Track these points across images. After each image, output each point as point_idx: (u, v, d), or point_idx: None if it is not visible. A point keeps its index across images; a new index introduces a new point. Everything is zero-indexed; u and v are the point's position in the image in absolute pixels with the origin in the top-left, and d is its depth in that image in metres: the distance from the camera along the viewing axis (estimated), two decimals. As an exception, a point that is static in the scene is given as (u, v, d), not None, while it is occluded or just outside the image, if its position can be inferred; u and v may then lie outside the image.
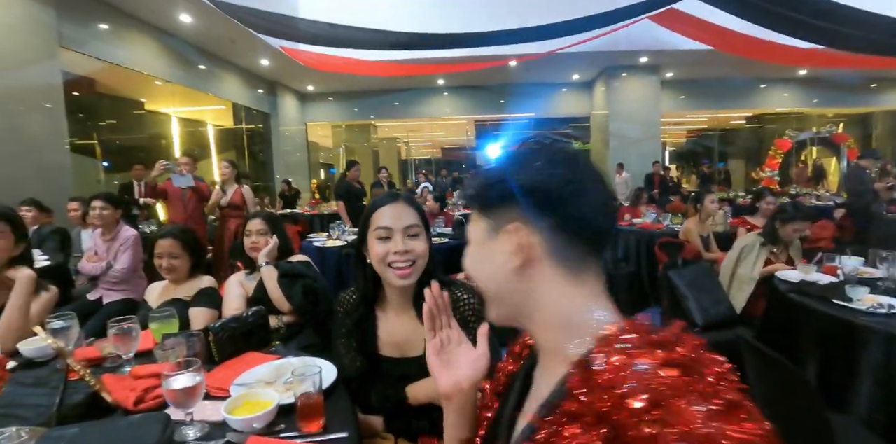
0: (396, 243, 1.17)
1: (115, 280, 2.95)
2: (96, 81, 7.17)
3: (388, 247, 1.17)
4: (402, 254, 1.16)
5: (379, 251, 1.18)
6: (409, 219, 1.20)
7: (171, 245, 1.85)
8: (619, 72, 10.16)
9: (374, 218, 1.21)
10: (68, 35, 5.48)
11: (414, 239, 1.19)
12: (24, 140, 4.73)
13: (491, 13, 7.75)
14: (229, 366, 1.32)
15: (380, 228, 1.18)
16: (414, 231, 1.20)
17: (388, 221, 1.18)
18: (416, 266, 1.18)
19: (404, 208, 1.21)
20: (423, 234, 1.22)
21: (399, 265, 1.16)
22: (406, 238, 1.18)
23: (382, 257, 1.17)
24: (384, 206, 1.21)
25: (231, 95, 9.31)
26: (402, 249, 1.16)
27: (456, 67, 9.07)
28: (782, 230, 2.65)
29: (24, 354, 1.39)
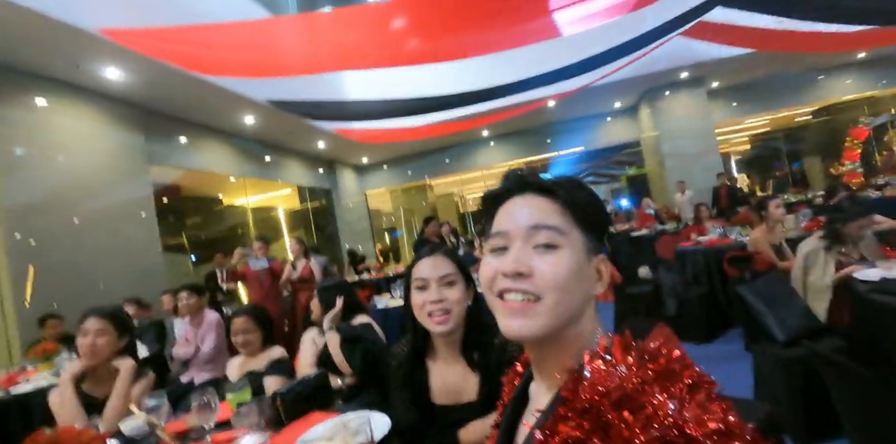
0: (431, 292, 1.24)
1: (204, 361, 3.23)
2: (181, 186, 8.15)
3: (424, 297, 1.25)
4: (436, 303, 1.23)
5: (417, 301, 1.26)
6: (444, 269, 1.28)
7: (244, 322, 2.06)
8: (662, 91, 10.02)
9: (414, 271, 1.30)
10: (155, 152, 6.38)
11: (449, 287, 1.26)
12: (124, 246, 5.45)
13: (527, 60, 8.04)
14: (296, 426, 1.41)
15: (417, 279, 1.28)
16: (449, 280, 1.27)
17: (424, 272, 1.27)
18: (452, 314, 1.24)
19: (441, 260, 1.30)
20: (459, 282, 1.28)
21: (435, 313, 1.23)
22: (441, 287, 1.25)
23: (421, 306, 1.25)
24: (423, 259, 1.31)
25: (295, 178, 10.15)
26: (436, 298, 1.23)
27: (496, 117, 9.38)
28: (847, 231, 2.43)
29: (125, 432, 1.57)
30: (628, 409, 0.46)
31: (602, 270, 0.64)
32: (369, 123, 8.01)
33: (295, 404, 1.49)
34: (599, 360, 0.53)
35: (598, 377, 0.50)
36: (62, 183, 5.01)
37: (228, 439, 1.33)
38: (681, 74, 9.39)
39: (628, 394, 0.47)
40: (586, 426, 0.47)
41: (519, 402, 0.70)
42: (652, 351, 0.53)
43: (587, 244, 0.63)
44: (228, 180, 8.45)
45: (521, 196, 0.67)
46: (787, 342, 2.18)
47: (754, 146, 14.24)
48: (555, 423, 0.51)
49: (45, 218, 4.74)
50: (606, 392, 0.48)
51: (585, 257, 0.62)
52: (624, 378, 0.49)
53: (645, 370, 0.50)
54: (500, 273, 0.62)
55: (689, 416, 0.44)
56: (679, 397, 0.46)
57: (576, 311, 0.60)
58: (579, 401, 0.50)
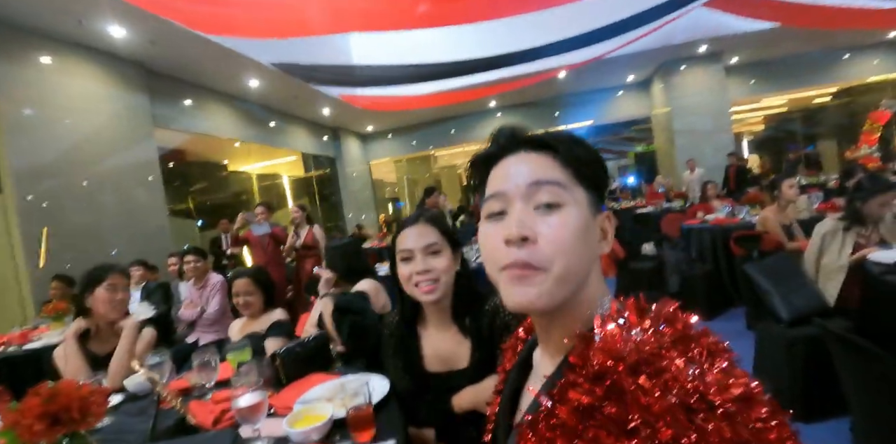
0: (417, 263, 1.21)
1: (209, 322, 3.29)
2: (186, 150, 8.11)
3: (410, 268, 1.22)
4: (423, 273, 1.20)
5: (404, 272, 1.23)
6: (428, 238, 1.24)
7: (245, 284, 2.06)
8: (678, 65, 9.72)
9: (399, 241, 1.27)
10: (160, 114, 6.32)
11: (435, 256, 1.23)
12: (131, 210, 5.48)
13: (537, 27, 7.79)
14: (295, 387, 1.42)
15: (402, 250, 1.25)
16: (434, 249, 1.23)
17: (408, 242, 1.24)
18: (440, 283, 1.21)
19: (424, 228, 1.26)
20: (445, 250, 1.25)
21: (422, 284, 1.21)
22: (426, 257, 1.22)
23: (407, 277, 1.22)
24: (406, 228, 1.27)
25: (299, 145, 10.08)
26: (422, 268, 1.20)
27: (505, 87, 9.16)
28: (867, 209, 2.34)
29: (129, 388, 1.60)
30: (646, 374, 0.43)
31: (607, 227, 0.60)
32: (375, 89, 7.87)
33: (294, 364, 1.50)
34: (612, 323, 0.50)
35: (612, 342, 0.47)
36: (70, 145, 5.00)
37: (227, 397, 1.34)
38: (699, 48, 9.08)
39: (645, 358, 0.44)
40: (599, 393, 0.44)
41: (522, 368, 0.68)
42: (668, 315, 0.50)
43: (591, 201, 0.58)
44: (233, 146, 8.40)
45: (515, 155, 0.61)
46: (792, 322, 2.17)
47: (768, 127, 13.94)
48: (564, 389, 0.48)
49: (55, 180, 4.76)
50: (621, 357, 0.45)
51: (590, 214, 0.57)
52: (640, 342, 0.46)
53: (661, 334, 0.47)
54: (503, 241, 0.55)
55: (711, 381, 0.41)
56: (699, 362, 0.44)
57: (584, 274, 0.56)
58: (591, 366, 0.47)
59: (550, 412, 0.48)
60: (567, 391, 0.47)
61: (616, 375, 0.44)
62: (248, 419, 1.08)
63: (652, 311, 0.51)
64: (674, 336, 0.47)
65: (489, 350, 1.24)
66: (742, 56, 9.88)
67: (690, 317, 0.50)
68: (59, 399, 0.98)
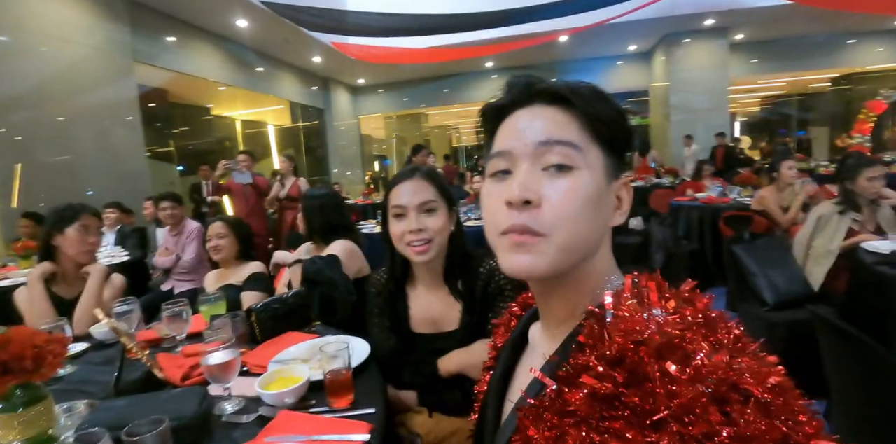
0: (410, 221, 1.15)
1: (185, 270, 3.20)
2: (168, 91, 7.72)
3: (403, 225, 1.15)
4: (416, 232, 1.14)
5: (395, 230, 1.17)
6: (424, 195, 1.17)
7: (220, 226, 2.00)
8: (682, 38, 9.43)
9: (391, 196, 1.19)
10: (142, 50, 5.93)
11: (430, 215, 1.17)
12: (109, 151, 5.22)
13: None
14: (270, 345, 1.37)
15: (395, 206, 1.17)
16: (430, 207, 1.17)
17: (402, 198, 1.16)
18: (433, 243, 1.16)
19: (420, 184, 1.18)
20: (441, 209, 1.19)
21: (415, 243, 1.14)
22: (421, 215, 1.16)
23: (400, 235, 1.16)
24: (400, 183, 1.19)
25: (287, 93, 9.68)
26: (415, 227, 1.14)
27: (505, 47, 8.85)
28: (856, 187, 2.30)
29: (95, 336, 1.53)
30: (673, 360, 0.38)
31: (623, 196, 0.54)
32: (368, 40, 7.52)
33: (271, 322, 1.44)
34: (631, 301, 0.45)
35: (631, 321, 0.42)
36: (46, 76, 4.67)
37: (198, 352, 1.28)
38: (705, 21, 8.79)
39: (671, 342, 0.39)
40: (619, 379, 0.40)
41: (516, 345, 0.64)
42: (687, 295, 0.46)
43: (608, 166, 0.52)
44: (218, 89, 8.01)
45: (529, 108, 0.54)
46: (776, 306, 2.18)
47: (763, 108, 13.85)
48: (575, 373, 0.43)
49: (29, 113, 4.47)
50: (644, 340, 0.40)
51: (605, 181, 0.51)
52: (663, 324, 0.41)
53: (684, 316, 0.42)
54: (504, 203, 0.49)
55: (743, 369, 0.37)
56: (728, 347, 0.40)
57: (591, 245, 0.51)
58: (607, 347, 0.42)
59: (558, 396, 0.44)
60: (578, 374, 0.43)
61: (638, 359, 0.39)
62: (219, 377, 1.03)
63: (671, 290, 0.47)
64: (697, 319, 0.42)
65: (481, 314, 1.21)
66: (747, 33, 9.64)
67: (704, 298, 0.46)
68: (11, 347, 0.90)
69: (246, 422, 0.97)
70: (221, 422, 0.98)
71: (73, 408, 1.03)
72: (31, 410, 0.90)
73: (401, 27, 6.88)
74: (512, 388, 0.61)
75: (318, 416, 0.96)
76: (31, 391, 0.96)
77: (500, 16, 6.79)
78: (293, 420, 0.94)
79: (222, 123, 9.17)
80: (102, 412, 0.93)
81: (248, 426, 0.96)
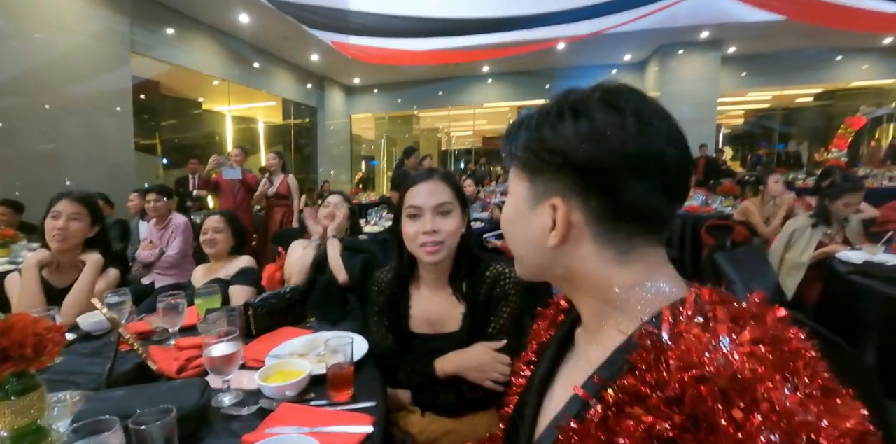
0: (425, 222, 1.15)
1: (168, 265, 3.14)
2: (161, 83, 7.63)
3: (418, 226, 1.16)
4: (430, 234, 1.14)
5: (409, 231, 1.17)
6: (441, 197, 1.17)
7: (218, 220, 1.98)
8: (676, 49, 9.57)
9: (408, 196, 1.19)
10: (139, 41, 5.88)
11: (444, 217, 1.17)
12: (96, 141, 5.15)
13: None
14: (266, 339, 1.36)
15: (410, 206, 1.17)
16: (445, 209, 1.17)
17: (418, 199, 1.17)
18: (445, 244, 1.16)
19: (438, 185, 1.19)
20: (456, 211, 1.19)
21: (427, 244, 1.15)
22: (436, 217, 1.16)
23: (413, 236, 1.16)
24: (418, 183, 1.19)
25: (282, 91, 9.63)
26: (430, 228, 1.14)
27: (503, 52, 8.91)
28: (833, 207, 2.43)
29: (83, 327, 1.50)
30: (740, 404, 0.34)
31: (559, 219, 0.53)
32: (367, 40, 7.52)
33: (267, 316, 1.43)
34: (696, 321, 0.41)
35: (694, 352, 0.38)
36: (37, 63, 4.59)
37: (194, 345, 1.27)
38: (701, 34, 8.94)
39: (743, 384, 0.35)
40: (677, 420, 0.36)
41: (562, 344, 0.62)
42: (756, 311, 0.41)
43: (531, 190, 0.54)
44: (211, 84, 7.94)
45: None
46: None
47: (747, 121, 14.08)
48: (625, 399, 0.41)
49: (16, 100, 4.40)
50: (708, 376, 0.36)
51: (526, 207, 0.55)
52: (730, 357, 0.37)
53: (757, 346, 0.37)
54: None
55: (820, 414, 0.33)
56: (803, 387, 0.35)
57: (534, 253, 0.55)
58: (664, 380, 0.38)
59: (603, 421, 0.42)
60: (631, 404, 0.40)
61: (700, 401, 0.36)
62: (220, 370, 1.02)
63: (740, 306, 0.42)
64: (774, 352, 0.37)
65: (483, 317, 1.21)
66: (739, 47, 9.81)
67: (779, 311, 0.41)
68: (12, 334, 0.89)
69: (246, 414, 0.97)
70: (221, 414, 0.97)
71: (62, 398, 1.01)
72: (23, 399, 0.88)
73: (401, 29, 6.90)
74: (552, 389, 0.59)
75: (320, 408, 0.96)
76: (25, 380, 0.94)
77: (501, 22, 6.85)
78: (295, 412, 0.94)
79: (212, 117, 9.07)
80: (100, 402, 0.91)
81: (247, 418, 0.95)
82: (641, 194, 0.46)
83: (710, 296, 0.44)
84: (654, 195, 0.47)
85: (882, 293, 1.82)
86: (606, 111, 0.47)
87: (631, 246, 0.49)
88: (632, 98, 0.49)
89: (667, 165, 0.47)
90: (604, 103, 0.48)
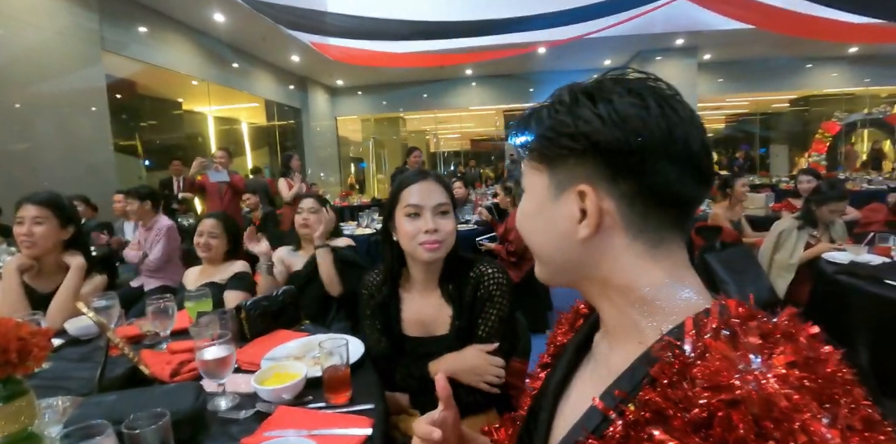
0: (427, 221, 1.15)
1: (152, 268, 3.08)
2: (137, 83, 7.45)
3: (418, 225, 1.15)
4: (431, 233, 1.14)
5: (409, 229, 1.16)
6: (438, 197, 1.18)
7: (214, 225, 1.95)
8: (654, 55, 9.79)
9: (404, 195, 1.19)
10: (110, 39, 5.71)
11: (443, 217, 1.18)
12: (72, 141, 5.00)
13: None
14: (260, 342, 1.35)
15: (409, 205, 1.17)
16: (443, 209, 1.19)
17: (417, 198, 1.17)
18: (445, 243, 1.17)
19: (433, 186, 1.20)
20: (450, 212, 1.21)
21: (428, 243, 1.15)
22: (436, 216, 1.17)
23: (413, 234, 1.15)
24: (414, 183, 1.19)
25: (263, 91, 9.51)
26: (432, 227, 1.14)
27: (484, 56, 8.97)
28: (819, 212, 2.53)
29: (70, 332, 1.46)
30: (778, 435, 0.31)
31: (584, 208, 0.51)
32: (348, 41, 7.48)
33: (260, 319, 1.42)
34: (724, 336, 0.38)
35: (722, 370, 0.35)
36: (3, 60, 4.43)
37: (186, 349, 1.25)
38: (676, 41, 9.17)
39: (779, 412, 0.32)
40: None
41: (579, 349, 0.60)
42: (787, 332, 0.38)
43: (552, 182, 0.52)
44: (190, 84, 7.79)
45: None
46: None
47: (728, 126, 14.46)
48: (646, 416, 0.39)
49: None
50: (741, 401, 0.33)
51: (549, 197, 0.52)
52: (763, 379, 0.33)
53: (793, 369, 0.34)
54: None
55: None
56: (843, 419, 0.32)
57: (560, 251, 0.51)
58: (689, 400, 0.35)
59: (624, 439, 0.40)
60: (653, 423, 0.38)
61: (732, 429, 0.32)
62: (214, 373, 1.01)
63: (773, 328, 0.38)
64: (810, 376, 0.34)
65: (469, 319, 1.21)
66: (714, 54, 10.10)
67: (810, 329, 0.39)
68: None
69: (243, 418, 0.96)
70: (217, 418, 0.96)
71: (53, 404, 0.99)
72: (12, 405, 0.86)
73: (381, 31, 6.89)
74: (568, 393, 0.57)
75: (318, 411, 0.96)
76: (12, 386, 0.92)
77: (481, 25, 6.89)
78: (292, 415, 0.93)
79: (193, 118, 8.90)
80: (92, 406, 0.89)
81: (245, 421, 0.95)
82: (672, 175, 0.45)
83: (736, 309, 0.41)
84: (684, 177, 0.45)
85: (869, 292, 1.88)
86: (624, 93, 0.46)
87: (660, 239, 0.48)
88: (645, 81, 0.49)
89: (692, 145, 0.46)
90: (620, 86, 0.47)
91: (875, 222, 3.78)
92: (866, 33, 7.51)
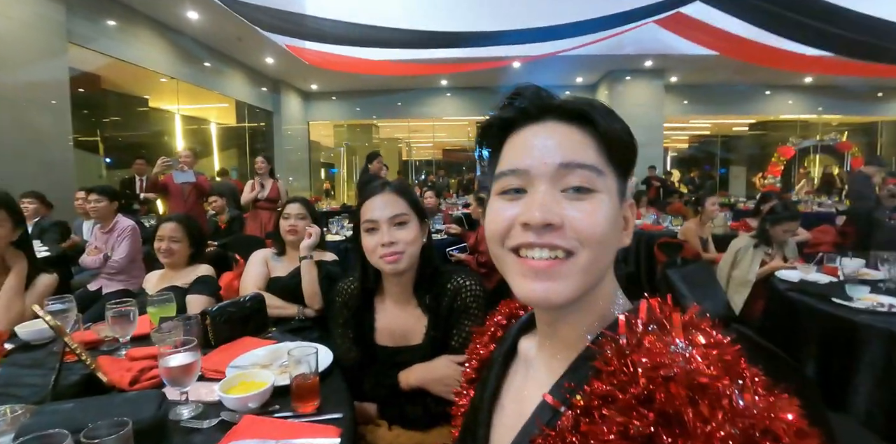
0: (382, 234, 1.16)
1: (114, 271, 2.95)
2: (102, 77, 7.20)
3: (376, 239, 1.16)
4: (388, 246, 1.15)
5: (368, 244, 1.17)
6: (395, 208, 1.18)
7: (174, 229, 1.87)
8: (623, 75, 10.17)
9: (363, 211, 1.20)
10: (76, 31, 5.52)
11: (401, 228, 1.18)
12: (29, 136, 4.78)
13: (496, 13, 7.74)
14: (225, 350, 1.32)
15: (367, 221, 1.18)
16: (401, 220, 1.18)
17: (373, 213, 1.17)
18: (405, 254, 1.17)
19: (391, 198, 1.20)
20: (412, 221, 1.20)
21: (387, 256, 1.15)
22: (392, 228, 1.17)
23: (372, 248, 1.16)
24: (371, 197, 1.20)
25: (235, 92, 9.34)
26: (387, 240, 1.15)
27: (459, 67, 9.10)
28: (773, 231, 2.67)
29: (22, 336, 1.39)
30: (705, 401, 0.37)
31: (629, 217, 0.54)
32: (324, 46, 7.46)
33: (226, 326, 1.39)
34: (651, 328, 0.44)
35: (656, 354, 0.41)
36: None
37: (147, 355, 1.21)
38: (645, 63, 9.55)
39: (705, 383, 0.37)
40: (651, 418, 0.38)
41: (507, 359, 0.61)
42: (696, 323, 0.44)
43: (620, 188, 0.51)
44: (159, 81, 7.57)
45: (542, 124, 0.52)
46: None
47: (691, 145, 15.07)
48: (596, 403, 0.42)
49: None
50: (675, 377, 0.38)
51: (619, 203, 0.51)
52: (690, 359, 0.40)
53: (710, 350, 0.41)
54: (518, 223, 0.48)
55: (767, 409, 0.36)
56: (750, 385, 0.38)
57: (606, 267, 0.50)
58: (631, 380, 0.40)
59: (575, 427, 0.42)
60: (599, 406, 0.41)
61: (669, 398, 0.38)
62: (178, 381, 0.98)
63: (688, 321, 0.45)
64: (721, 355, 0.40)
65: (444, 330, 1.22)
66: (680, 77, 10.58)
67: (714, 323, 0.45)
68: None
69: (207, 427, 0.93)
70: (179, 427, 0.93)
71: (3, 413, 0.94)
72: (-43, 412, 0.82)
73: (358, 37, 6.89)
74: (500, 404, 0.58)
75: (285, 420, 0.95)
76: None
77: (457, 37, 7.00)
78: (259, 425, 0.92)
79: (160, 116, 8.64)
80: (48, 415, 0.85)
81: (208, 431, 0.92)
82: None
83: (660, 306, 0.47)
84: None
85: (816, 310, 1.98)
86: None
87: None
88: None
89: None
90: None
91: (824, 243, 4.00)
92: (820, 65, 8.02)
